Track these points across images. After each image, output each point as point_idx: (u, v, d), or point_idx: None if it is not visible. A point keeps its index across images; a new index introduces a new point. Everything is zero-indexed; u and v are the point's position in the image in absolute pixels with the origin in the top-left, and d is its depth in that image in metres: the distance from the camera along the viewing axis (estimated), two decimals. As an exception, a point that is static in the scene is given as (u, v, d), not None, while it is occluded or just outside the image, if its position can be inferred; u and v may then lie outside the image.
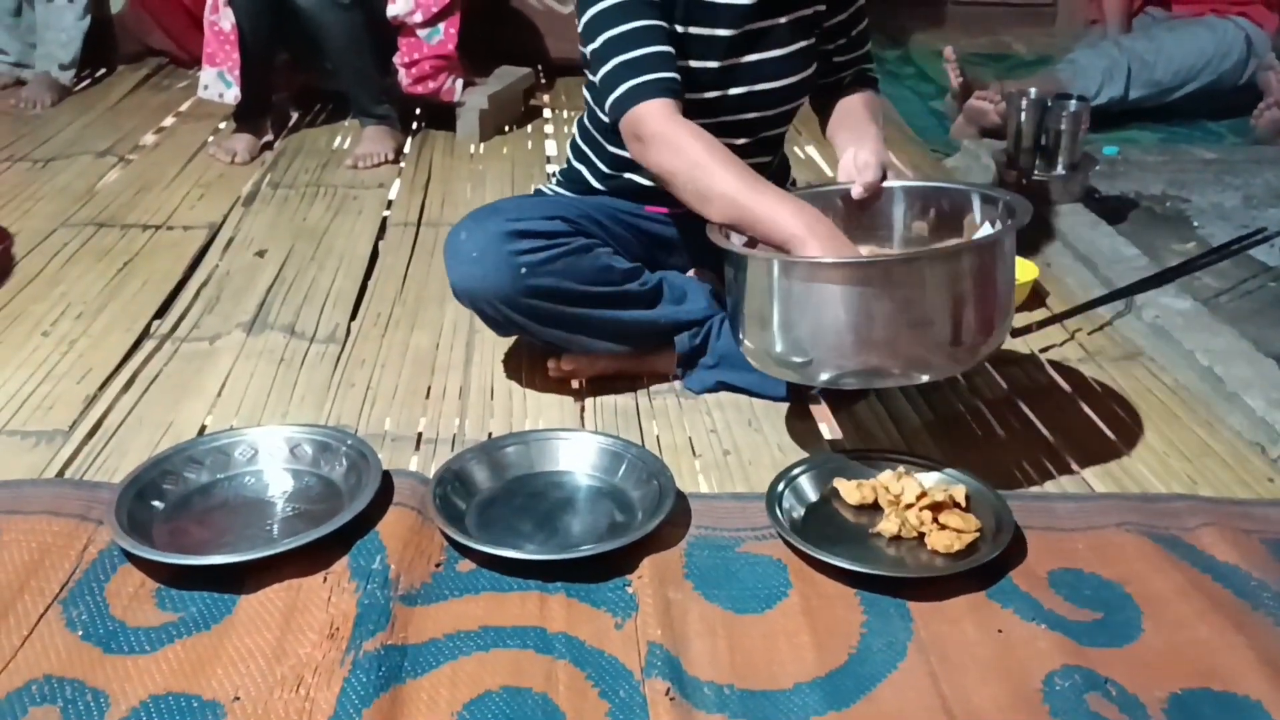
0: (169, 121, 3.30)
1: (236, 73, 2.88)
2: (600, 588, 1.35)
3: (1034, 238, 2.45)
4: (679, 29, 1.62)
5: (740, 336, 1.51)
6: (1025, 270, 2.17)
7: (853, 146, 1.67)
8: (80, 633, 1.26)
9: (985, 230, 1.58)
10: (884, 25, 4.23)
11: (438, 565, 1.39)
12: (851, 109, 1.77)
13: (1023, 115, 2.63)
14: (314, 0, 2.77)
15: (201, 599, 1.31)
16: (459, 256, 1.65)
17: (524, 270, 1.62)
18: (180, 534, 1.42)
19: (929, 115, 3.47)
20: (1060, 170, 2.60)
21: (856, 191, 1.61)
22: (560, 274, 1.65)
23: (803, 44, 1.70)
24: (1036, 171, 2.62)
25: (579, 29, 1.64)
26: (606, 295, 1.71)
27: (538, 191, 1.92)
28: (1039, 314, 2.09)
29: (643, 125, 1.54)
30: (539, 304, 1.66)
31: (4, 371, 1.85)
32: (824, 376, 1.45)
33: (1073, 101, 2.61)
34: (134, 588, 1.33)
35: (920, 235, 1.65)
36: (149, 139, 3.14)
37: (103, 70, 3.75)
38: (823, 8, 1.72)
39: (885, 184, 1.64)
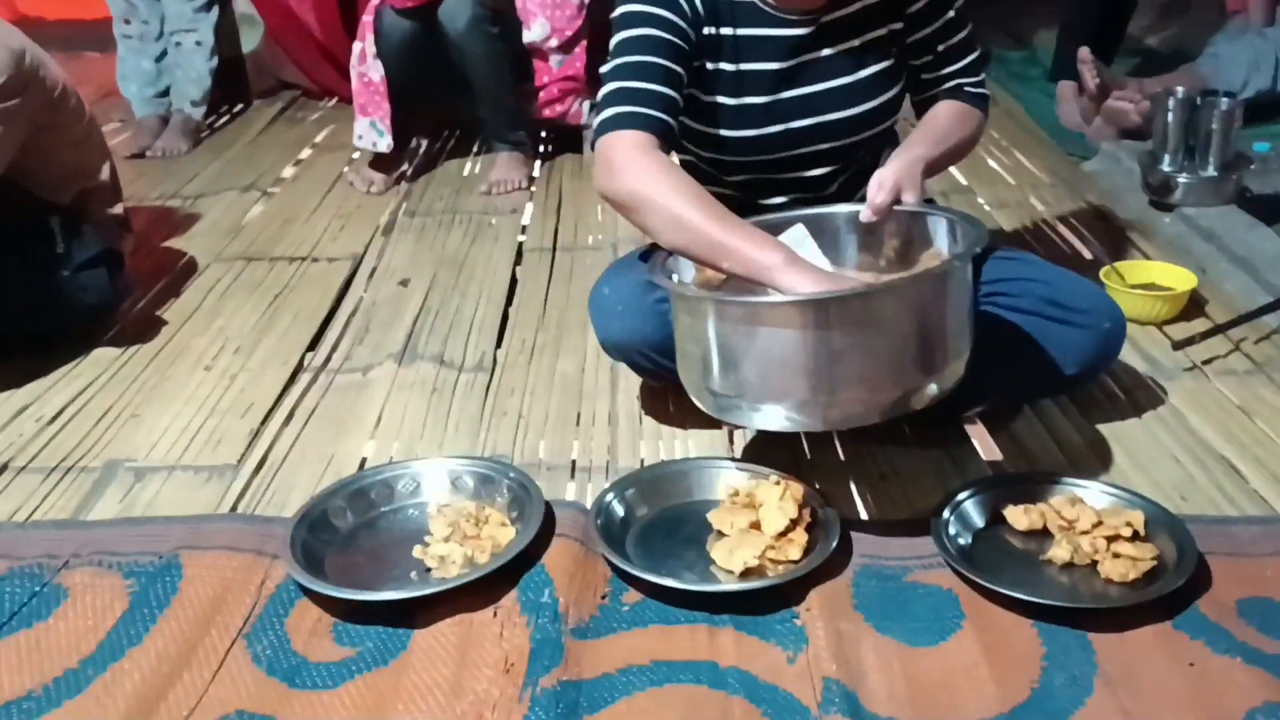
0: (306, 154, 3.41)
1: (388, 121, 2.95)
2: (768, 620, 1.33)
3: (1187, 244, 2.36)
4: (729, 67, 1.59)
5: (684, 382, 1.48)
6: (1183, 279, 2.09)
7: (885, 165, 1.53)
8: (265, 667, 1.29)
9: (940, 255, 1.50)
10: (1008, 24, 4.14)
11: (603, 597, 1.39)
12: (922, 124, 1.63)
13: (1170, 115, 2.54)
14: (463, 30, 2.82)
15: (377, 633, 1.34)
16: (605, 311, 1.66)
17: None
18: (352, 568, 1.46)
19: (1062, 117, 3.37)
20: (1211, 171, 2.50)
21: (864, 215, 1.49)
22: None
23: (878, 68, 1.61)
24: (1185, 173, 2.53)
25: None
26: None
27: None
28: (1199, 324, 2.01)
29: (615, 151, 1.49)
30: None
31: (174, 406, 1.92)
32: (773, 421, 1.39)
33: (1224, 99, 2.51)
34: (312, 622, 1.37)
35: (872, 262, 1.56)
36: (288, 172, 3.24)
37: (240, 106, 3.89)
38: (899, 26, 1.61)
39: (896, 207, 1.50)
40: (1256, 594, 1.33)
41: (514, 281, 2.42)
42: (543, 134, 3.30)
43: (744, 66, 1.59)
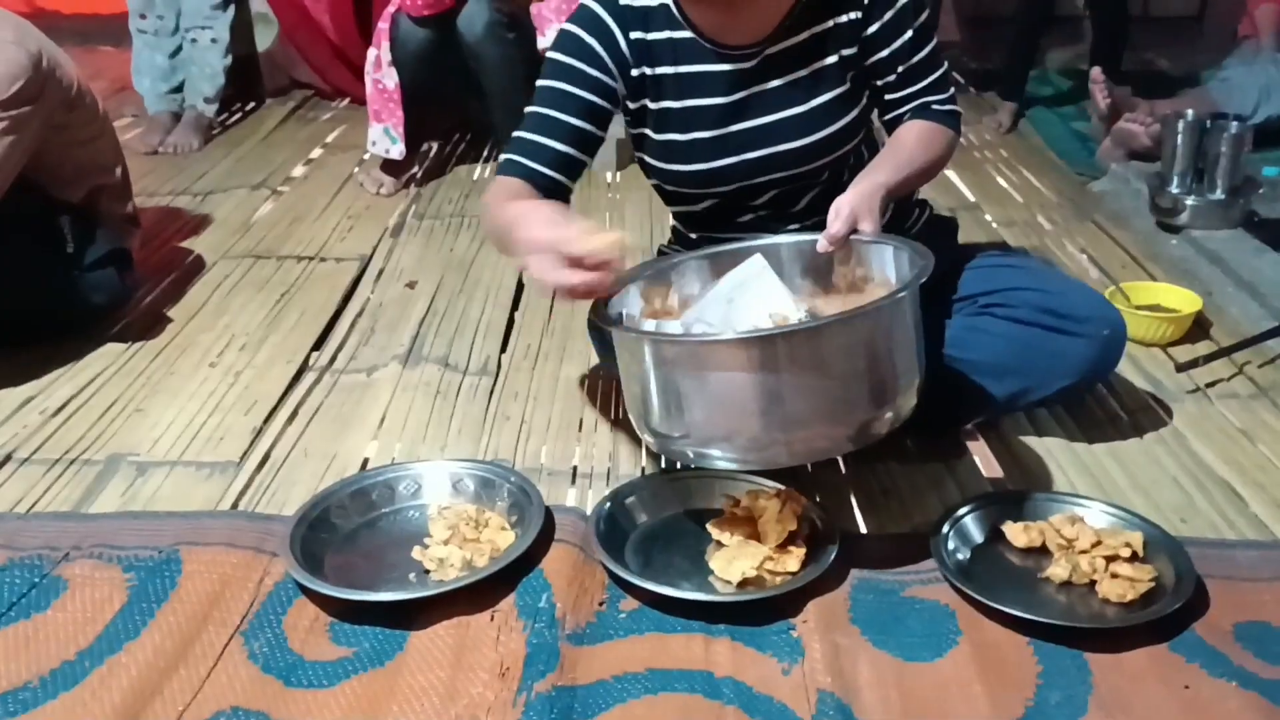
0: (316, 153, 3.42)
1: (401, 129, 2.97)
2: (764, 631, 1.33)
3: (1193, 266, 2.36)
4: (674, 105, 1.59)
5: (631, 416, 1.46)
6: (1188, 301, 2.10)
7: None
8: (261, 665, 1.30)
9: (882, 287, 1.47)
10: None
11: (601, 604, 1.39)
12: (886, 149, 1.60)
13: (1179, 137, 2.54)
14: (481, 35, 2.84)
15: (373, 634, 1.34)
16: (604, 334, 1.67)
17: None
18: (350, 568, 1.46)
19: (1072, 138, 3.38)
20: (1219, 194, 2.51)
21: (820, 244, 1.46)
22: None
23: (831, 95, 1.58)
24: (1193, 196, 2.53)
25: None
26: None
27: (660, 252, 1.90)
28: (1204, 347, 2.01)
29: (486, 196, 1.59)
30: None
31: (178, 402, 1.93)
32: (715, 460, 1.38)
33: (1234, 123, 2.51)
34: (309, 621, 1.37)
35: (820, 293, 1.54)
36: (299, 171, 3.25)
37: (252, 104, 3.90)
38: (851, 50, 1.57)
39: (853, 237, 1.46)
40: (1254, 619, 1.33)
41: (520, 287, 2.42)
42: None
43: (689, 103, 1.60)
